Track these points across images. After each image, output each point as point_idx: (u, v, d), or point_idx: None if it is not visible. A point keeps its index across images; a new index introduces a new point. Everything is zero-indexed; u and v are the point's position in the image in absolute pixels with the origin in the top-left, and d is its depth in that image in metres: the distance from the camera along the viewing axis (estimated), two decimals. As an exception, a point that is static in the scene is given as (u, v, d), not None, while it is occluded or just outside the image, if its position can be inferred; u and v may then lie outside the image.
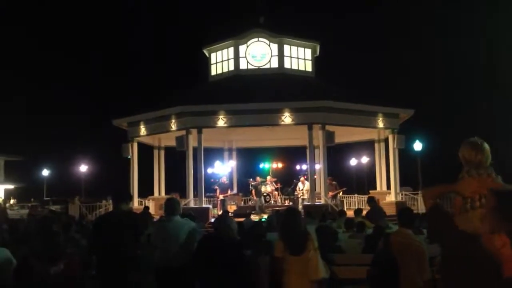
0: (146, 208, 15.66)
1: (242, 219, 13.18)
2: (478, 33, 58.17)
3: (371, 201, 12.38)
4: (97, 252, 5.42)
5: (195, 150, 19.52)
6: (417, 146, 27.81)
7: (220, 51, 23.24)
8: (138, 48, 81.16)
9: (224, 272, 4.82)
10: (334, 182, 20.67)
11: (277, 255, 4.83)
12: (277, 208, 17.96)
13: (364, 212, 13.51)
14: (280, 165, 28.35)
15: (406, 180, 26.51)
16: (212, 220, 16.04)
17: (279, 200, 21.42)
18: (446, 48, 64.32)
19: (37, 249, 4.96)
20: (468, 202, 2.59)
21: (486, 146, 2.77)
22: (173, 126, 19.86)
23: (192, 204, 19.07)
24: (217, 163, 25.63)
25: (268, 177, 21.99)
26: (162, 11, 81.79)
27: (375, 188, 23.59)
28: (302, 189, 19.87)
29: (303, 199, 19.62)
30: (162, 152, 24.14)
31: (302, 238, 4.67)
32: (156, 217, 12.60)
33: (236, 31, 22.88)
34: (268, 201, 20.49)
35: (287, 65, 22.37)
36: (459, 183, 2.68)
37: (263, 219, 13.60)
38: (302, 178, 20.42)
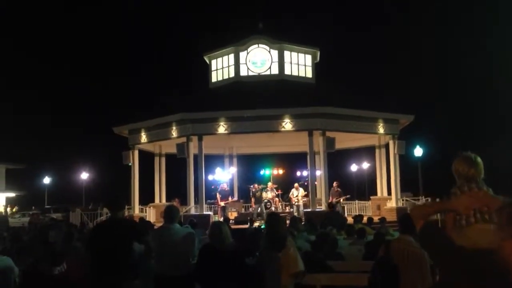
0: (141, 218, 15.44)
1: (245, 226, 13.22)
2: (479, 37, 58.31)
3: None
4: (94, 261, 5.32)
5: (196, 157, 19.51)
6: (418, 151, 27.80)
7: (221, 58, 23.28)
8: (138, 54, 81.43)
9: (224, 281, 4.86)
10: (339, 189, 20.69)
11: (262, 253, 5.29)
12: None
13: (365, 219, 13.59)
14: (280, 171, 28.26)
15: (407, 185, 26.51)
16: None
17: (280, 207, 21.36)
18: (450, 52, 64.47)
19: (39, 255, 5.01)
20: (463, 218, 2.57)
21: (479, 160, 2.75)
22: (174, 133, 19.88)
23: (193, 211, 19.06)
24: (218, 170, 25.61)
25: (269, 184, 21.92)
26: (162, 18, 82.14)
27: (375, 193, 23.57)
28: (297, 195, 19.92)
29: (298, 206, 19.66)
30: (163, 159, 24.15)
31: (283, 238, 5.15)
32: (158, 224, 12.58)
33: (236, 38, 22.93)
34: (269, 208, 20.43)
35: (287, 71, 22.39)
36: (452, 200, 2.66)
37: (263, 226, 13.58)
38: (296, 184, 20.50)
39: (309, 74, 23.24)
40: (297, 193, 19.98)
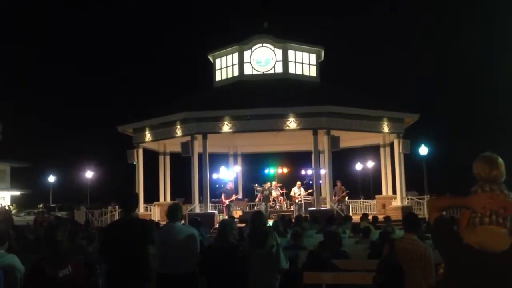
0: (144, 220, 15.32)
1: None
2: (486, 35, 58.09)
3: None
4: (107, 262, 5.13)
5: (200, 155, 19.53)
6: (423, 150, 27.73)
7: (225, 57, 23.27)
8: (143, 54, 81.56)
9: (227, 279, 4.88)
10: (342, 187, 20.73)
11: (246, 250, 5.44)
12: (283, 213, 17.94)
13: (370, 217, 13.53)
14: (285, 170, 28.31)
15: (412, 184, 26.46)
16: (217, 225, 16.02)
17: (285, 205, 21.40)
18: (454, 50, 64.25)
19: (45, 254, 4.98)
20: (478, 216, 2.54)
21: (501, 161, 2.69)
22: (178, 132, 19.88)
23: (197, 210, 19.08)
24: (222, 169, 25.64)
25: (274, 182, 21.98)
26: (167, 17, 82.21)
27: (380, 192, 23.54)
28: (299, 194, 19.96)
29: (300, 204, 19.69)
30: (168, 158, 24.17)
31: (264, 235, 5.35)
32: (163, 223, 12.57)
33: (240, 37, 22.92)
34: (274, 206, 20.48)
35: (291, 70, 22.37)
36: (470, 197, 2.61)
37: (268, 224, 13.61)
38: (298, 183, 20.56)
39: (314, 73, 23.21)
40: (298, 192, 20.04)
